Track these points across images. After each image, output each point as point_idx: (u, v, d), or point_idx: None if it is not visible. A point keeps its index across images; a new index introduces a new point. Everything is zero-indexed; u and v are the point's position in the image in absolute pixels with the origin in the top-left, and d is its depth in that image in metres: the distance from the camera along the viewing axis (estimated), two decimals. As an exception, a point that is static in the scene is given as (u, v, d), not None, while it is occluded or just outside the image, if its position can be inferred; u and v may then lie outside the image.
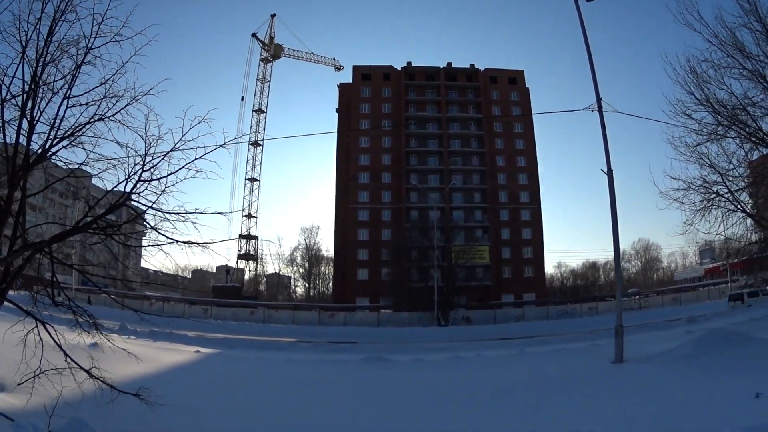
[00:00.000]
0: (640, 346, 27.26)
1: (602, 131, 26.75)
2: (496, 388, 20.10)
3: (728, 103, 25.31)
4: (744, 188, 26.36)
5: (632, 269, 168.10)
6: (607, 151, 26.62)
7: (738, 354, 20.00)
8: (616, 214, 26.50)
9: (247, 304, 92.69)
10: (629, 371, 21.92)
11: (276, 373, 25.28)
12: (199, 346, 37.05)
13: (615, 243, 26.66)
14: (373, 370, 25.99)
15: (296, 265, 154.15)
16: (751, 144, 25.50)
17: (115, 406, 11.84)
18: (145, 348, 29.88)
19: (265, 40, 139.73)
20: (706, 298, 79.95)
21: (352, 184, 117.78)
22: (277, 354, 35.65)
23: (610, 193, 26.32)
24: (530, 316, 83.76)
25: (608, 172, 26.32)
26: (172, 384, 18.76)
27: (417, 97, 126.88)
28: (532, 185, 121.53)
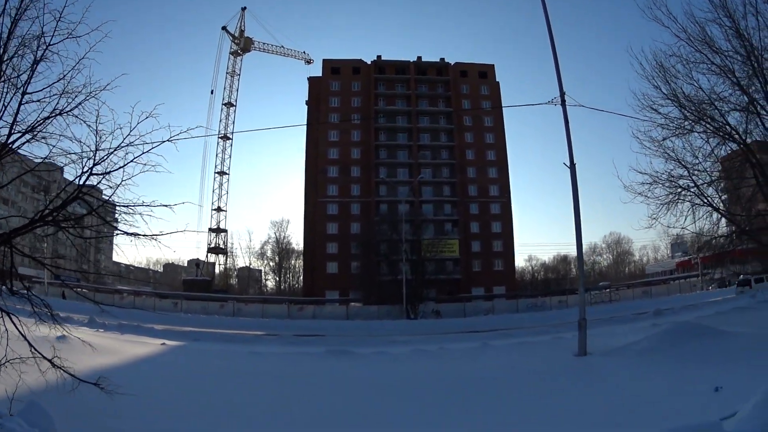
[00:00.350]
0: (604, 339, 27.37)
1: (565, 125, 26.69)
2: (453, 381, 20.12)
3: (696, 98, 25.42)
4: (710, 182, 26.47)
5: (604, 262, 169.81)
6: (569, 146, 26.57)
7: (702, 347, 20.12)
8: (579, 208, 26.49)
9: (217, 298, 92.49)
10: (591, 364, 22.02)
11: (236, 365, 25.27)
12: (165, 339, 36.98)
13: (578, 237, 26.70)
14: (334, 363, 26.01)
15: (267, 258, 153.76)
16: (718, 139, 25.62)
17: (75, 394, 12.01)
18: (112, 341, 30.20)
19: (236, 33, 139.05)
20: (677, 291, 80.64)
21: (321, 178, 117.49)
22: (241, 347, 35.50)
23: (572, 187, 26.26)
24: (500, 309, 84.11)
25: (571, 166, 26.28)
26: (134, 374, 19.26)
27: (387, 91, 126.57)
28: (502, 179, 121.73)
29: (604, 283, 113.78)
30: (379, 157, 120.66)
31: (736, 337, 21.52)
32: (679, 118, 26.06)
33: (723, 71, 24.39)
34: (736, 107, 24.87)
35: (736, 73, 24.18)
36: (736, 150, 26.08)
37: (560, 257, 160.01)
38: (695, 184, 25.99)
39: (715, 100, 24.91)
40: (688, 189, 26.10)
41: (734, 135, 24.93)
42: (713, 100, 24.93)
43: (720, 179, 26.81)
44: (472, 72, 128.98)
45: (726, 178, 26.73)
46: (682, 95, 25.65)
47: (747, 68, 23.83)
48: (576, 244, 27.25)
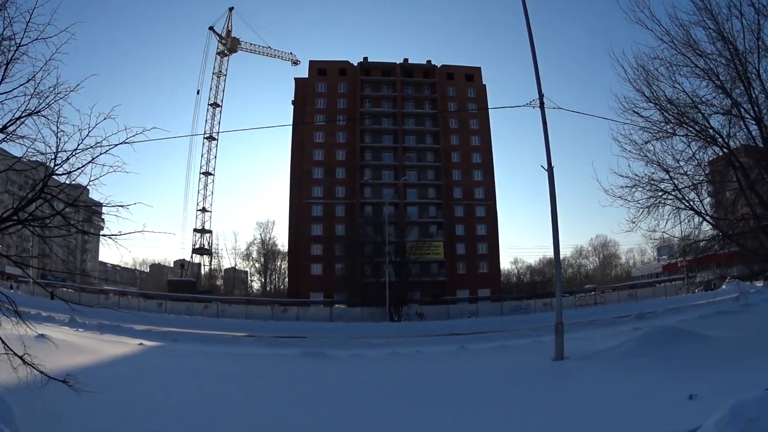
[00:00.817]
0: (584, 343, 27.21)
1: (543, 128, 26.57)
2: (425, 385, 19.94)
3: (678, 101, 25.26)
4: (692, 186, 26.30)
5: (590, 265, 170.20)
6: (547, 148, 26.44)
7: (680, 352, 19.97)
8: (556, 211, 26.28)
9: (201, 299, 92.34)
10: (567, 369, 21.74)
11: (208, 365, 25.07)
12: (143, 339, 36.83)
13: (555, 241, 26.47)
14: (307, 365, 25.84)
15: (252, 260, 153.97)
16: (700, 142, 25.48)
17: (44, 391, 12.21)
18: (90, 340, 30.24)
19: (222, 34, 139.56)
20: (662, 294, 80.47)
21: (306, 179, 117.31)
22: (218, 347, 35.32)
23: (550, 190, 26.10)
24: (484, 312, 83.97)
25: (548, 169, 26.11)
26: (106, 374, 19.54)
27: (373, 93, 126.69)
28: (488, 181, 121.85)
29: (590, 286, 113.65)
30: (364, 158, 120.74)
31: (715, 342, 21.40)
32: (661, 122, 25.91)
33: (707, 74, 24.24)
34: (719, 111, 24.67)
35: (720, 76, 23.99)
36: (720, 154, 25.96)
37: (546, 260, 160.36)
38: (677, 187, 25.78)
39: (699, 103, 24.73)
40: (669, 192, 25.92)
41: (717, 139, 24.78)
42: (696, 103, 24.74)
43: (702, 183, 26.67)
44: (458, 74, 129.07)
45: (709, 181, 26.60)
46: (664, 98, 25.48)
47: (731, 71, 23.66)
48: (553, 248, 27.14)
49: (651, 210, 26.08)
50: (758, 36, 22.39)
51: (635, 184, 26.02)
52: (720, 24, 23.29)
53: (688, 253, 30.68)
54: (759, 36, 22.38)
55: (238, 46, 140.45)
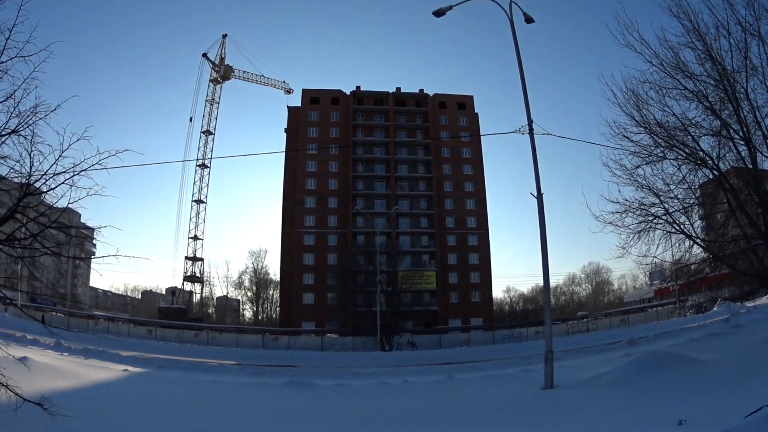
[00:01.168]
0: (574, 371, 27.03)
1: (533, 154, 26.35)
2: (410, 416, 19.68)
3: (668, 124, 25.22)
4: (683, 209, 26.17)
5: (583, 292, 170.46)
6: (537, 175, 26.21)
7: (670, 377, 19.91)
8: (546, 239, 25.91)
9: (192, 326, 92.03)
10: (557, 398, 21.51)
11: (191, 393, 24.86)
12: (129, 365, 36.59)
13: (544, 269, 26.10)
14: (291, 395, 25.61)
15: (244, 288, 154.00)
16: (690, 165, 25.40)
17: (19, 413, 12.08)
18: (74, 364, 30.22)
19: (216, 61, 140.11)
20: (654, 319, 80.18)
21: (299, 208, 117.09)
22: (203, 375, 35.05)
23: (539, 217, 25.79)
24: (476, 341, 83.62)
25: (538, 196, 25.89)
26: (85, 398, 19.52)
27: (365, 122, 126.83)
28: (480, 210, 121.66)
29: (582, 313, 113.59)
30: (356, 188, 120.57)
31: (705, 366, 21.20)
32: (651, 146, 25.84)
33: (696, 96, 24.24)
34: (708, 132, 24.67)
35: (709, 97, 24.01)
36: (710, 176, 25.89)
37: (539, 288, 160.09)
38: (667, 211, 25.66)
39: (688, 125, 24.73)
40: (659, 217, 25.80)
41: (707, 161, 24.71)
42: (686, 126, 24.74)
43: (693, 206, 26.57)
44: (450, 103, 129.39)
45: (700, 204, 26.52)
46: (654, 122, 25.46)
47: (719, 92, 23.67)
48: (543, 276, 26.73)
49: (642, 235, 25.99)
50: (746, 55, 22.42)
51: (626, 210, 25.96)
52: (708, 44, 23.34)
53: (679, 277, 30.58)
54: (746, 55, 22.41)
55: (231, 74, 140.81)
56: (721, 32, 22.90)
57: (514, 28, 27.39)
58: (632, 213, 25.99)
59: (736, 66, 22.89)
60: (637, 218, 25.98)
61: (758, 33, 22.06)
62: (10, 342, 35.05)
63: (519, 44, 27.25)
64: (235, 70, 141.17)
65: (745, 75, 22.66)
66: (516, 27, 27.37)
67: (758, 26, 21.98)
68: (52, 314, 74.94)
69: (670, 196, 25.70)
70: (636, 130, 25.90)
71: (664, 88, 24.89)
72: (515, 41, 27.39)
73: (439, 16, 28.35)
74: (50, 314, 74.44)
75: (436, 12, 28.20)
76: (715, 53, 23.23)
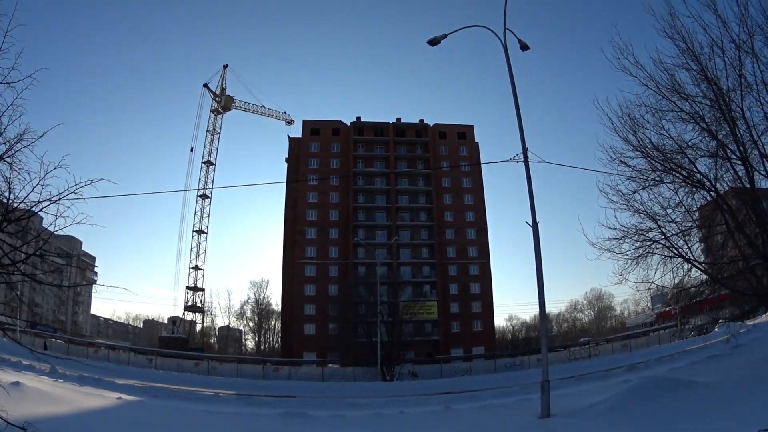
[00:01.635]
0: (572, 399, 26.79)
1: (528, 183, 26.05)
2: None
3: (665, 147, 25.08)
4: (680, 233, 26.00)
5: (585, 319, 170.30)
6: (532, 204, 25.94)
7: (668, 403, 19.60)
8: (542, 268, 25.44)
9: (192, 356, 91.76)
10: (553, 427, 21.17)
11: (182, 423, 24.57)
12: (123, 393, 36.30)
13: (540, 297, 25.66)
14: (285, 426, 25.31)
15: (246, 318, 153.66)
16: (687, 188, 25.25)
17: None
18: (68, 391, 29.76)
19: (217, 91, 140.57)
20: (656, 343, 79.89)
21: (300, 239, 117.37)
22: (197, 404, 34.79)
23: (535, 246, 25.32)
24: (478, 370, 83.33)
25: (533, 225, 25.62)
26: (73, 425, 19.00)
27: (366, 153, 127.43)
28: (481, 240, 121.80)
29: (584, 339, 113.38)
30: (357, 218, 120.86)
31: (704, 389, 20.83)
32: (648, 170, 25.68)
33: (692, 118, 24.08)
34: (705, 153, 24.51)
35: (706, 118, 23.85)
36: (708, 198, 25.75)
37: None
38: (665, 236, 25.50)
39: (685, 148, 24.53)
40: (657, 242, 25.62)
41: (704, 182, 24.57)
42: (683, 148, 24.55)
43: (691, 229, 26.41)
44: (450, 133, 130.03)
45: (699, 226, 26.36)
46: (650, 146, 25.23)
47: (715, 112, 23.56)
48: (539, 305, 26.27)
49: (640, 260, 25.74)
50: (740, 73, 22.28)
51: (624, 236, 25.72)
52: (703, 64, 23.21)
53: (680, 300, 30.34)
54: (741, 73, 22.27)
55: (232, 105, 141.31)
56: (716, 51, 22.75)
57: (508, 55, 27.24)
58: (630, 239, 25.78)
59: (732, 85, 22.79)
60: (634, 244, 25.79)
61: (752, 50, 21.92)
62: (5, 367, 35.01)
63: (515, 71, 27.15)
64: (236, 101, 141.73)
65: (741, 93, 22.56)
66: (511, 54, 27.30)
67: (752, 43, 21.84)
68: (51, 341, 74.97)
69: (667, 220, 25.51)
70: (632, 154, 25.69)
71: (660, 111, 24.77)
72: (509, 69, 27.27)
73: (434, 45, 28.33)
74: (50, 341, 74.50)
75: (431, 41, 28.19)
76: (710, 73, 23.10)
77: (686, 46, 23.46)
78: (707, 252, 27.71)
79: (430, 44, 28.29)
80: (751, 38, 21.90)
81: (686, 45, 23.46)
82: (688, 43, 23.43)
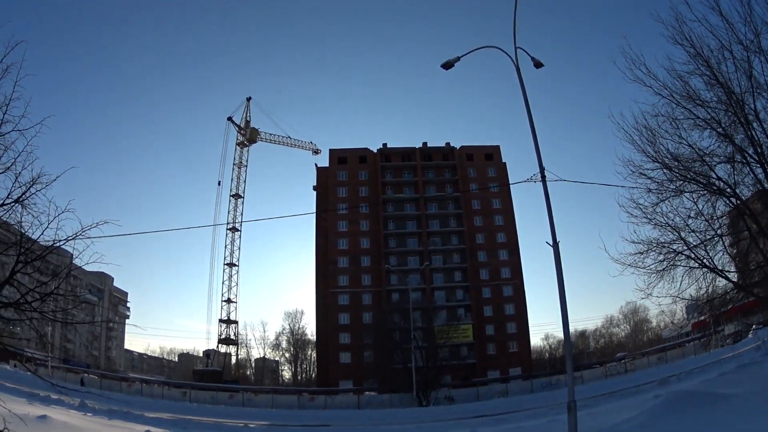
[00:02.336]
0: (601, 418, 26.67)
1: (546, 202, 25.70)
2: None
3: (683, 156, 24.89)
4: (704, 242, 25.76)
5: (621, 333, 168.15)
6: (551, 223, 25.59)
7: (695, 417, 19.32)
8: (564, 287, 25.05)
9: (227, 388, 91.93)
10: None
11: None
12: (152, 426, 36.50)
13: (564, 318, 25.26)
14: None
15: (282, 349, 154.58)
16: (708, 195, 25.03)
17: None
18: (96, 424, 30.36)
19: (241, 124, 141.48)
20: (692, 353, 79.02)
21: (332, 269, 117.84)
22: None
23: (556, 266, 24.84)
24: (514, 391, 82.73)
25: (554, 244, 25.31)
26: None
27: (394, 179, 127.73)
28: (514, 260, 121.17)
29: (621, 354, 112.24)
30: (389, 245, 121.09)
31: (733, 400, 20.54)
32: (667, 180, 25.49)
33: (708, 124, 23.71)
34: (723, 160, 24.30)
35: (722, 123, 23.60)
36: (729, 205, 25.50)
37: (577, 333, 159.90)
38: (688, 246, 25.29)
39: (704, 155, 24.36)
40: (681, 253, 25.40)
41: (725, 189, 24.35)
42: (701, 155, 24.38)
43: (714, 237, 26.18)
44: (477, 154, 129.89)
45: (721, 235, 26.09)
46: (668, 156, 25.05)
47: (730, 116, 23.38)
48: (562, 325, 25.94)
49: (664, 274, 25.52)
50: (750, 74, 22.11)
51: (647, 249, 25.54)
52: (714, 68, 22.93)
53: (707, 312, 30.03)
54: (751, 74, 22.08)
55: (257, 137, 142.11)
56: (725, 54, 22.60)
57: (520, 75, 27.06)
58: (653, 252, 25.59)
59: (744, 87, 22.65)
60: (657, 257, 25.57)
61: (760, 48, 21.80)
62: (34, 401, 35.44)
63: (532, 87, 27.14)
64: (261, 133, 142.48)
65: (752, 95, 22.37)
66: (527, 72, 27.27)
67: (759, 42, 21.64)
68: (85, 376, 75.60)
69: (689, 230, 25.34)
70: (651, 165, 25.51)
71: (676, 119, 24.64)
72: (522, 88, 27.14)
73: (448, 69, 28.21)
74: (85, 376, 75.20)
75: (444, 65, 28.04)
76: (721, 76, 22.87)
77: (695, 51, 23.27)
78: (734, 259, 27.45)
79: (444, 68, 28.18)
80: (758, 37, 21.63)
81: (695, 50, 23.28)
82: (698, 47, 23.10)
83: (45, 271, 15.16)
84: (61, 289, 15.06)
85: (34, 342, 15.95)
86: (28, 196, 14.10)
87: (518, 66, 26.90)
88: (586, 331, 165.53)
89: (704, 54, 23.10)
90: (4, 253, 14.37)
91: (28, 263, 14.24)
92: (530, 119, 26.98)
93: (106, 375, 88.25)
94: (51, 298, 14.84)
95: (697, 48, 23.19)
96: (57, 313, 15.21)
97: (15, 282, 14.22)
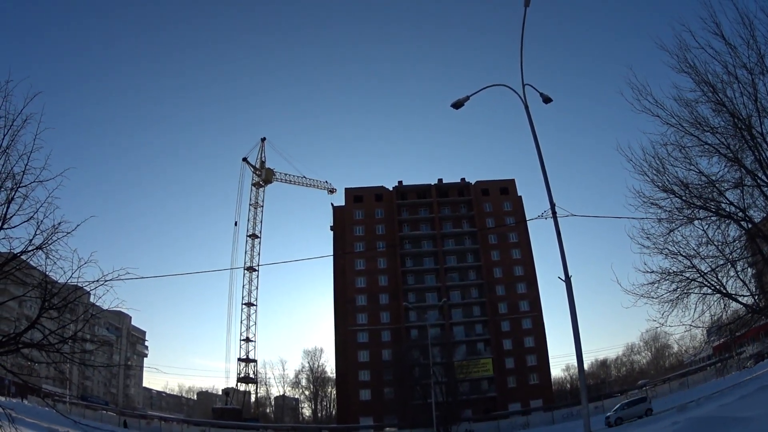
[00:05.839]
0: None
1: (558, 238, 25.69)
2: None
3: (693, 183, 24.93)
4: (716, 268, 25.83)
5: (643, 360, 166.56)
6: (563, 259, 25.59)
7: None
8: (577, 321, 25.03)
9: (246, 426, 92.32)
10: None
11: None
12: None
13: (578, 352, 25.32)
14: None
15: (301, 387, 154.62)
16: (719, 221, 25.07)
17: None
18: None
19: (256, 164, 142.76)
20: (713, 377, 78.80)
21: (350, 307, 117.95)
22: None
23: (569, 301, 24.89)
24: (536, 423, 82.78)
25: (566, 279, 25.45)
26: None
27: (410, 216, 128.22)
28: (532, 293, 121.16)
29: (642, 382, 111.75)
30: (407, 283, 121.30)
31: (750, 424, 20.59)
32: (678, 209, 25.60)
33: (717, 150, 23.78)
34: (733, 185, 24.33)
35: (730, 147, 23.64)
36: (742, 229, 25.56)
37: (598, 362, 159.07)
38: (700, 273, 25.38)
39: (715, 181, 24.48)
40: (694, 280, 25.49)
41: (737, 213, 24.42)
42: (712, 181, 24.50)
43: (726, 263, 26.23)
44: (493, 189, 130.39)
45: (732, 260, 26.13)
46: (678, 184, 25.12)
47: (738, 140, 23.48)
48: (576, 359, 25.97)
49: (677, 303, 25.62)
50: (755, 98, 22.36)
51: (660, 279, 25.57)
52: (719, 93, 23.16)
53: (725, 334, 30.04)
54: (756, 98, 22.34)
55: (273, 177, 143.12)
56: (731, 78, 22.81)
57: (529, 113, 27.17)
58: (665, 281, 25.66)
59: (750, 110, 22.85)
60: (670, 287, 25.62)
61: (764, 71, 22.03)
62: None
63: (542, 122, 27.78)
64: (276, 173, 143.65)
65: (759, 117, 22.52)
66: (536, 106, 27.81)
67: (762, 63, 21.98)
68: (125, 419, 76.09)
69: (701, 257, 25.48)
70: (661, 195, 25.41)
71: (684, 147, 24.65)
72: (531, 126, 27.27)
73: (458, 108, 28.38)
74: (125, 419, 75.70)
75: (454, 104, 28.17)
76: (728, 102, 22.97)
77: (700, 77, 23.48)
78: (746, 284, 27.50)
79: (454, 107, 28.33)
80: (762, 59, 22.04)
81: (700, 77, 23.49)
82: (702, 74, 23.30)
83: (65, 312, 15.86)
84: (81, 332, 15.82)
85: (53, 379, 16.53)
86: (49, 243, 14.80)
87: (527, 104, 27.19)
88: (608, 360, 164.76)
89: (709, 80, 23.34)
90: (26, 296, 15.22)
91: (52, 308, 14.89)
92: (540, 158, 27.19)
93: (125, 412, 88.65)
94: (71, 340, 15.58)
95: (702, 75, 23.16)
96: (75, 355, 15.95)
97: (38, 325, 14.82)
